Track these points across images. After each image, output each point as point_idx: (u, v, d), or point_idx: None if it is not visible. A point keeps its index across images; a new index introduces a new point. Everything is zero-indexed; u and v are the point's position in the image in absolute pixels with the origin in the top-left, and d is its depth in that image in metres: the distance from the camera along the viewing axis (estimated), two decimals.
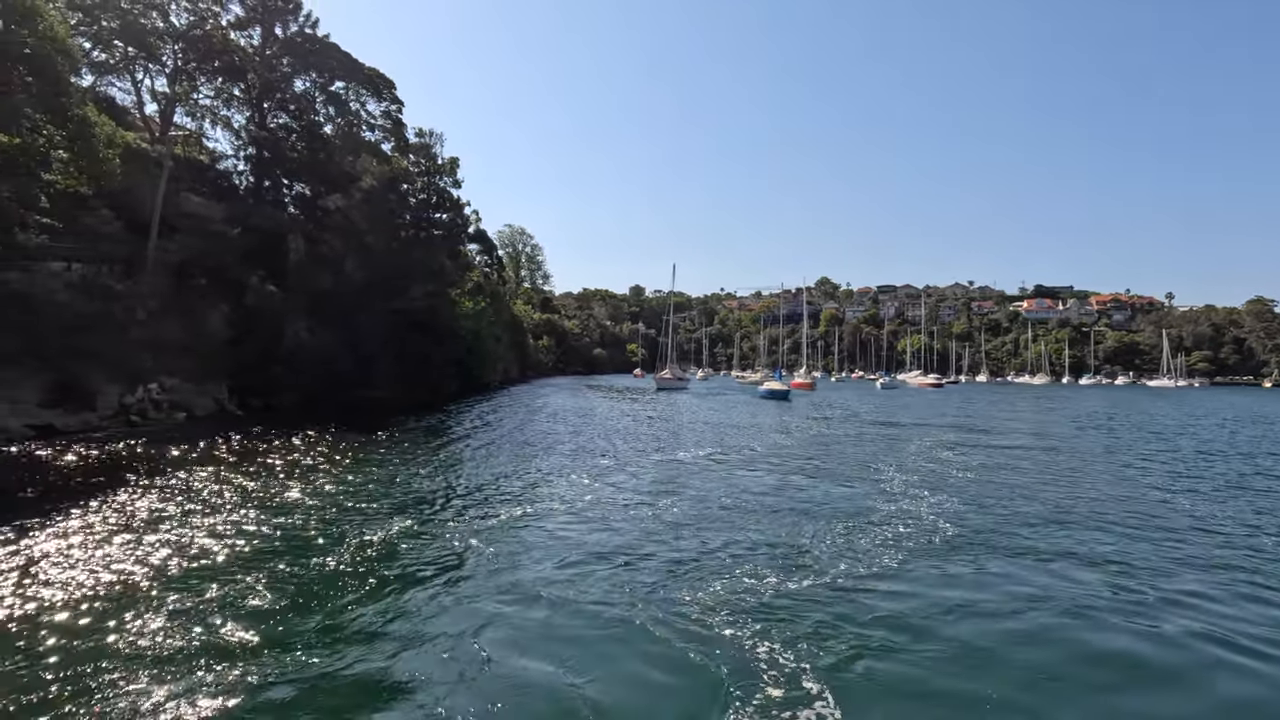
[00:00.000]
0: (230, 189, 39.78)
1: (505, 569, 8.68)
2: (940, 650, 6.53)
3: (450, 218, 50.68)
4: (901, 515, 12.00)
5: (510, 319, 76.34)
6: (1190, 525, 11.83)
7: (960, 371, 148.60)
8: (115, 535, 9.61)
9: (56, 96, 19.98)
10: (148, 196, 27.56)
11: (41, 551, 8.80)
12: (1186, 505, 13.59)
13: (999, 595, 8.07)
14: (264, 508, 11.52)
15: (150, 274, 26.77)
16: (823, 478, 15.94)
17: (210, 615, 6.94)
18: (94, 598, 7.34)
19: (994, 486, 15.18)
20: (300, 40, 42.90)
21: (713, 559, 9.20)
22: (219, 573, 8.22)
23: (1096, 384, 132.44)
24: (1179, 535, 11.10)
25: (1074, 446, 23.97)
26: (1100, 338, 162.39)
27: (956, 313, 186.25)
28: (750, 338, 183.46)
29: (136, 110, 39.19)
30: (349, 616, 7.05)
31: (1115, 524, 11.81)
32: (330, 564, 8.64)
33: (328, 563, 8.66)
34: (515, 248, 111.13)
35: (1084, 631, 7.09)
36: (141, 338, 24.70)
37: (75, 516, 10.53)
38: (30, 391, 19.98)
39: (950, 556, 9.54)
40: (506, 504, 12.57)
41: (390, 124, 47.16)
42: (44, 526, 9.91)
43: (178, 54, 39.49)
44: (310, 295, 33.78)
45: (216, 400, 27.03)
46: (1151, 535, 11.08)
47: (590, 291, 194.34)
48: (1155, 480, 16.78)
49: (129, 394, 23.15)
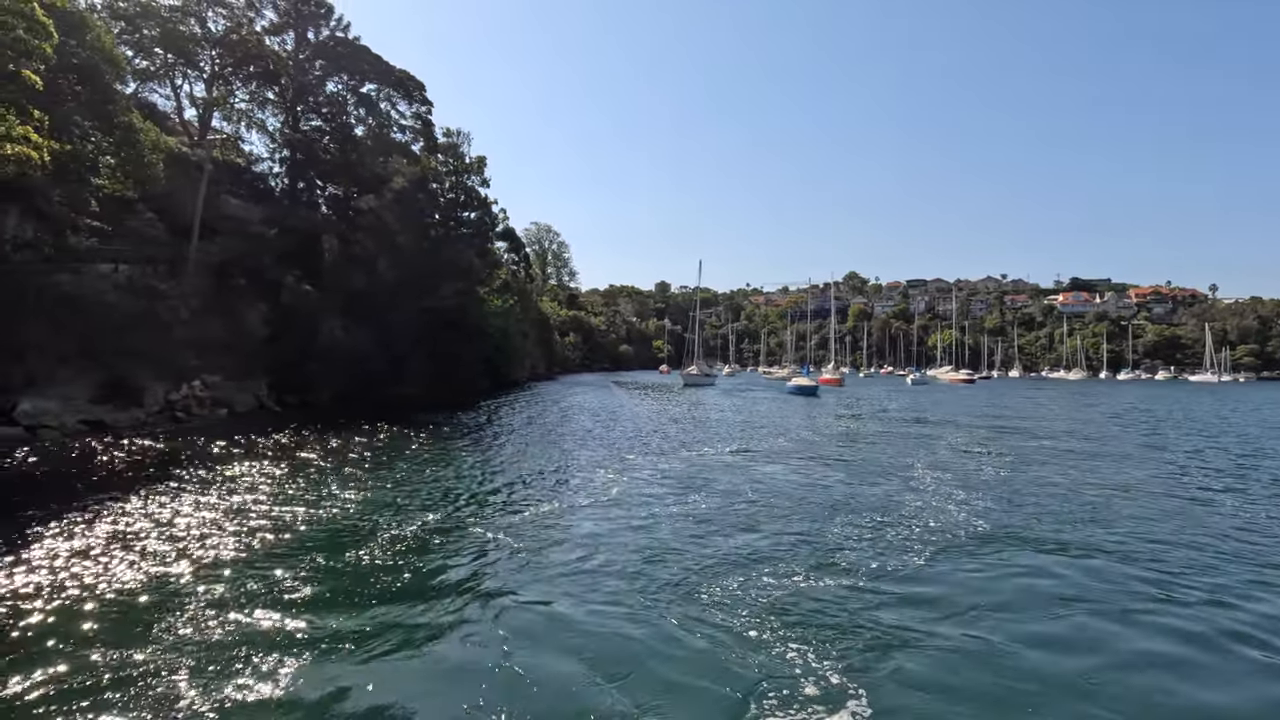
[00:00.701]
0: (266, 191, 40.78)
1: (534, 565, 8.84)
2: (974, 650, 6.50)
3: (478, 216, 51.29)
4: (934, 512, 11.94)
5: (537, 316, 76.98)
6: (1236, 526, 11.56)
7: (993, 367, 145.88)
8: (160, 527, 10.02)
9: (104, 104, 20.72)
10: (189, 199, 28.40)
11: (94, 542, 9.21)
12: (1231, 505, 13.28)
13: (1034, 594, 8.01)
14: (302, 502, 11.87)
15: (192, 274, 27.60)
16: (853, 475, 15.88)
17: (246, 607, 7.19)
18: (138, 588, 7.68)
19: (1029, 484, 14.99)
20: (332, 44, 43.71)
21: (742, 556, 9.27)
22: (257, 565, 8.52)
23: (1135, 379, 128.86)
24: (1223, 535, 10.87)
25: (1113, 443, 23.48)
26: (1139, 331, 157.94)
27: (989, 307, 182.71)
28: (777, 333, 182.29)
29: (176, 115, 40.36)
30: (380, 611, 7.24)
31: (1156, 523, 11.60)
32: (364, 558, 8.90)
33: (362, 557, 8.92)
34: (542, 245, 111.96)
35: (1124, 631, 7.01)
36: (185, 337, 25.50)
37: (125, 509, 10.98)
38: (82, 389, 20.78)
39: (985, 554, 9.48)
40: (536, 500, 12.78)
41: (419, 124, 47.81)
42: (98, 517, 10.36)
43: (214, 59, 40.55)
44: (344, 294, 34.50)
45: (256, 397, 27.78)
46: (1195, 535, 10.86)
47: (616, 288, 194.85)
48: (1198, 479, 16.39)
49: (174, 391, 23.93)
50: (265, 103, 43.07)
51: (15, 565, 8.20)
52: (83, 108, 20.74)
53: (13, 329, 18.91)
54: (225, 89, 41.56)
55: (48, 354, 19.79)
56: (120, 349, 22.07)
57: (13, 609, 6.98)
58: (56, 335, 20.03)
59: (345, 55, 43.54)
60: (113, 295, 23.21)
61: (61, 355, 20.23)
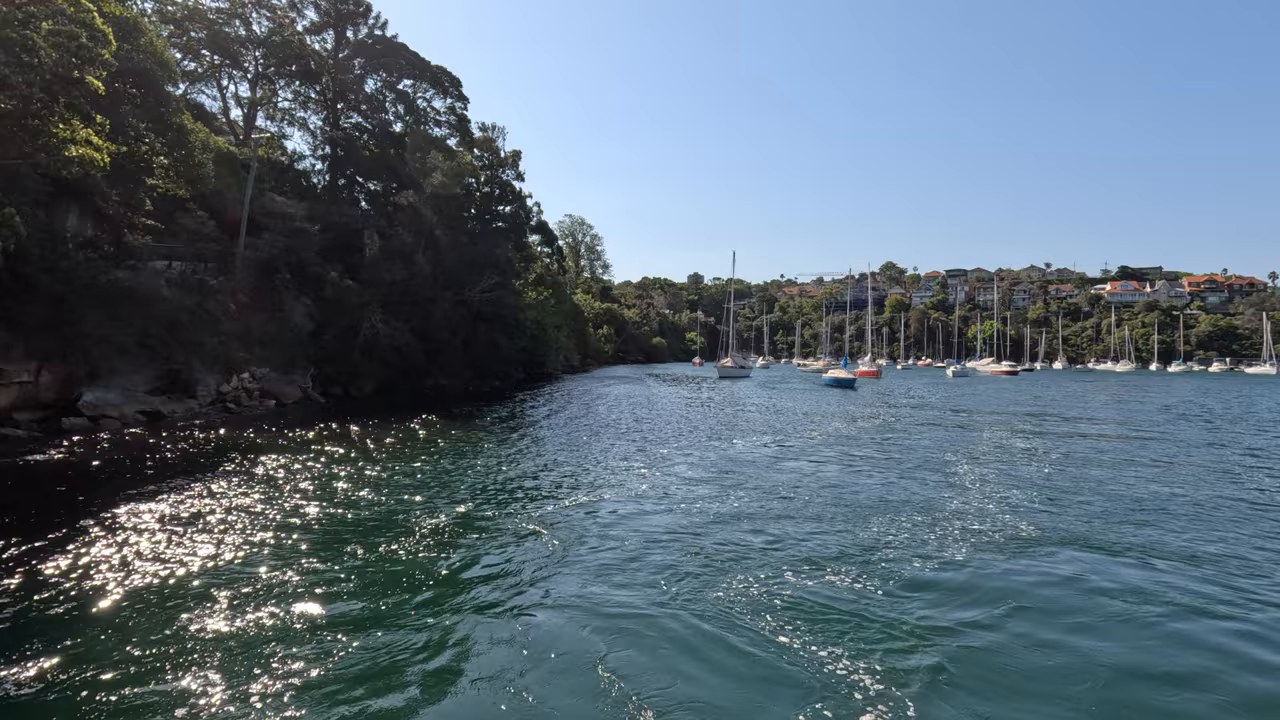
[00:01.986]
0: (309, 188, 41.86)
1: (571, 560, 8.93)
2: (1020, 651, 6.40)
3: (513, 210, 51.72)
4: (980, 513, 11.76)
5: (571, 309, 77.45)
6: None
7: (1035, 359, 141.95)
8: (211, 516, 10.43)
9: (158, 106, 21.45)
10: (236, 197, 29.30)
11: (147, 528, 9.66)
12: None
13: (1087, 599, 7.79)
14: (346, 493, 12.24)
15: (240, 270, 28.51)
16: (896, 472, 15.69)
17: (288, 593, 7.46)
18: (190, 573, 8.02)
19: (1079, 481, 14.64)
20: (370, 42, 44.48)
21: (780, 553, 9.26)
22: (300, 553, 8.82)
23: (1187, 371, 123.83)
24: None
25: (1166, 439, 22.74)
26: (1192, 321, 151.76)
27: (1032, 297, 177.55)
28: (811, 325, 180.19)
29: (223, 115, 41.63)
30: (418, 598, 7.45)
31: (1216, 520, 11.25)
32: (401, 550, 9.12)
33: (397, 550, 9.13)
34: (575, 238, 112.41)
35: (1183, 635, 6.83)
36: (234, 330, 26.40)
37: (180, 497, 11.47)
38: (140, 380, 21.70)
39: (1033, 555, 9.32)
40: (574, 491, 12.95)
41: (455, 119, 48.40)
42: (154, 505, 10.84)
43: (258, 60, 41.66)
44: (384, 288, 35.22)
45: (301, 389, 28.62)
46: (1259, 534, 10.51)
47: (649, 280, 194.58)
48: (1259, 479, 15.80)
49: (225, 383, 24.81)
50: (307, 101, 44.13)
51: (76, 549, 8.65)
52: (138, 110, 21.53)
53: (77, 324, 19.81)
54: (269, 89, 42.71)
55: (108, 348, 20.69)
56: (175, 342, 22.98)
57: (69, 591, 7.38)
58: (116, 329, 20.91)
59: (383, 53, 44.27)
60: (167, 291, 24.12)
61: (121, 348, 21.13)
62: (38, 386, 19.23)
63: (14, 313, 18.62)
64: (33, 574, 7.71)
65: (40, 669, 5.67)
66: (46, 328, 19.28)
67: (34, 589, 7.32)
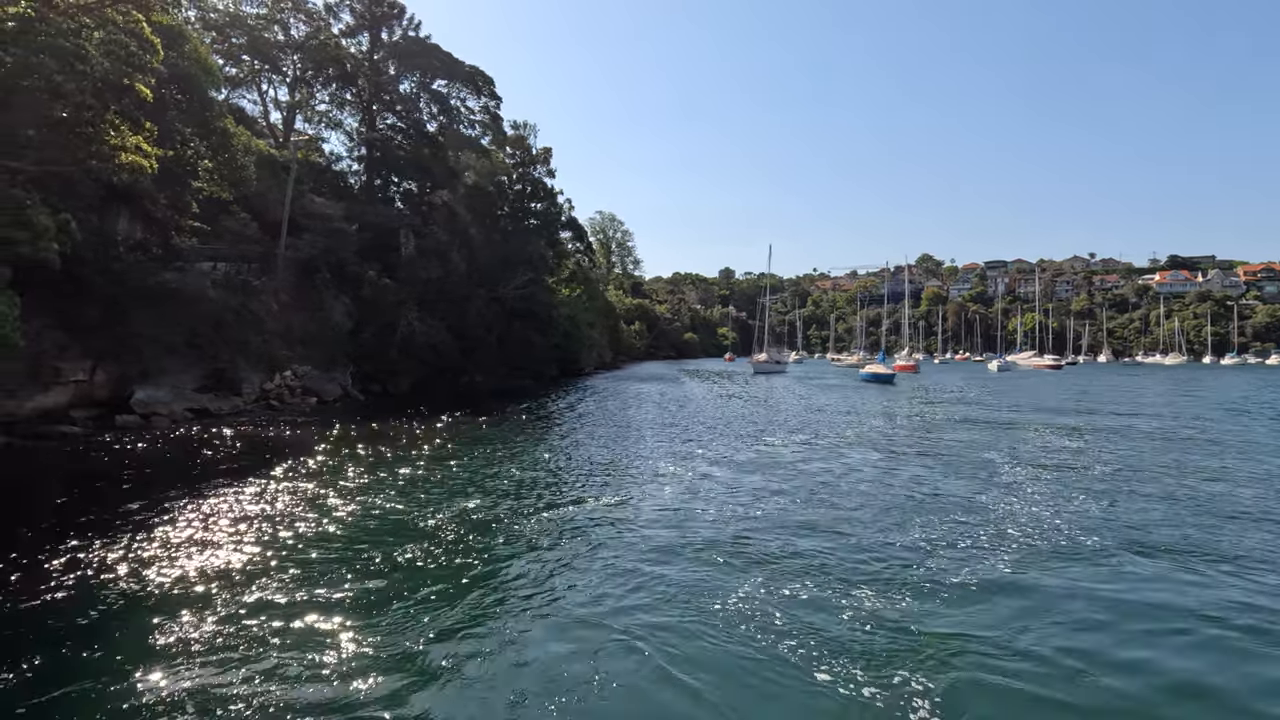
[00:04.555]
0: (346, 189, 42.58)
1: (601, 560, 8.82)
2: (1068, 672, 6.07)
3: (545, 207, 52.00)
4: (1042, 519, 11.38)
5: (603, 305, 77.61)
6: None
7: (1079, 351, 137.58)
8: (255, 511, 10.60)
9: (202, 111, 21.98)
10: (277, 199, 29.95)
11: (196, 522, 9.86)
12: None
13: (1141, 613, 7.43)
14: (385, 488, 12.35)
15: (282, 270, 29.15)
16: (947, 472, 15.31)
17: (325, 588, 7.50)
18: (234, 566, 8.14)
19: (1137, 483, 14.08)
20: (404, 43, 45.08)
21: (825, 558, 9.07)
22: (339, 549, 8.89)
23: (1241, 364, 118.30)
24: None
25: (1228, 440, 21.79)
26: (1248, 312, 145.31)
27: (1075, 288, 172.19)
28: (845, 319, 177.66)
29: (263, 119, 42.59)
30: (448, 599, 7.43)
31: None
32: (435, 549, 9.10)
33: (433, 548, 9.09)
34: (606, 234, 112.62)
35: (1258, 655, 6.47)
36: (277, 329, 27.00)
37: (227, 492, 11.71)
38: (189, 379, 22.32)
39: (1096, 562, 8.96)
40: (609, 492, 12.86)
41: (488, 118, 48.82)
42: (203, 500, 11.08)
43: (297, 64, 42.52)
44: (419, 286, 35.70)
45: (341, 386, 29.15)
46: None
47: (681, 275, 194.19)
48: None
49: (268, 381, 25.40)
50: (344, 104, 44.90)
51: (129, 542, 8.87)
52: (183, 115, 22.10)
53: (128, 324, 20.45)
54: (307, 92, 43.54)
55: (158, 347, 21.32)
56: (220, 341, 23.59)
57: (121, 583, 7.56)
58: (165, 329, 21.54)
59: (417, 54, 44.81)
60: (213, 292, 24.77)
61: (170, 348, 21.77)
62: (92, 385, 19.90)
63: (70, 314, 19.30)
64: (86, 567, 7.92)
65: (92, 658, 5.80)
66: (100, 328, 19.95)
67: (88, 581, 7.51)
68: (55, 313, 18.95)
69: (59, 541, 8.81)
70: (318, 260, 31.20)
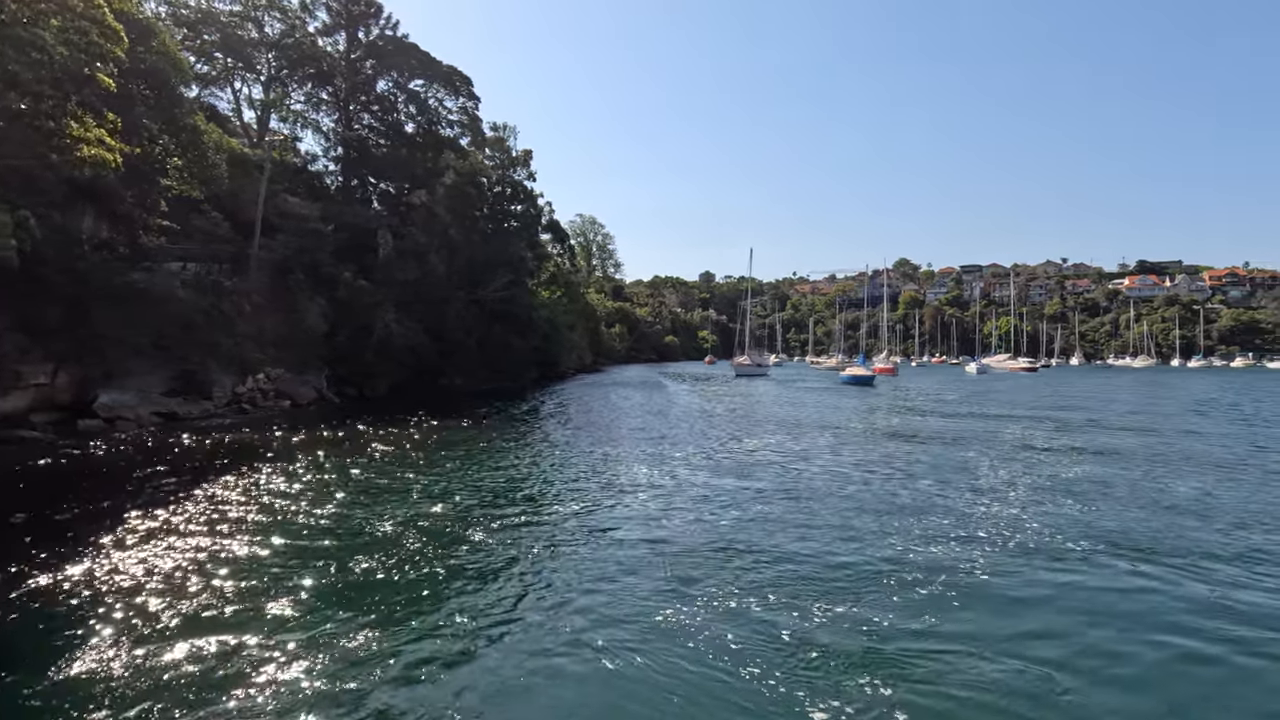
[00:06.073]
0: (322, 189, 41.84)
1: (578, 565, 8.58)
2: (1039, 683, 5.94)
3: (525, 209, 51.56)
4: (1032, 526, 11.33)
5: (584, 308, 77.24)
6: None
7: (1052, 354, 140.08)
8: (222, 516, 10.18)
9: (171, 108, 21.38)
10: (251, 199, 29.25)
11: (157, 531, 9.42)
12: None
13: (1122, 618, 7.37)
14: (354, 494, 11.92)
15: (255, 271, 28.44)
16: (937, 478, 15.27)
17: (291, 596, 7.17)
18: (196, 576, 7.76)
19: (1122, 484, 14.16)
20: (381, 43, 44.42)
21: (805, 564, 8.90)
22: (308, 554, 8.54)
23: (1207, 366, 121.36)
24: None
25: (1203, 440, 22.12)
26: (1214, 316, 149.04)
27: (1049, 292, 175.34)
28: (824, 322, 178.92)
29: (236, 118, 41.72)
30: (420, 603, 7.17)
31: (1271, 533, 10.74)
32: (412, 555, 8.79)
33: (411, 554, 8.78)
34: (586, 237, 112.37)
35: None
36: (249, 331, 26.31)
37: (193, 499, 11.24)
38: (156, 382, 21.62)
39: (1086, 562, 8.90)
40: (587, 495, 12.60)
41: (467, 119, 48.29)
42: (166, 508, 10.61)
43: (271, 62, 41.73)
44: (397, 288, 35.10)
45: (316, 389, 28.51)
46: None
47: (661, 278, 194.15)
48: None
49: (240, 384, 24.73)
50: (320, 103, 44.18)
51: (83, 553, 8.42)
52: (151, 111, 21.47)
53: (92, 325, 19.74)
54: (282, 91, 42.76)
55: (123, 349, 20.61)
56: (190, 343, 22.88)
57: (77, 593, 7.14)
58: (132, 331, 20.83)
59: (395, 53, 44.19)
60: (182, 292, 24.05)
61: (136, 350, 21.06)
62: (54, 388, 19.18)
63: (30, 315, 18.57)
64: (42, 575, 7.47)
65: (44, 670, 5.41)
66: (62, 330, 19.23)
67: (42, 591, 7.08)
68: (14, 314, 18.22)
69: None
70: (292, 261, 30.51)
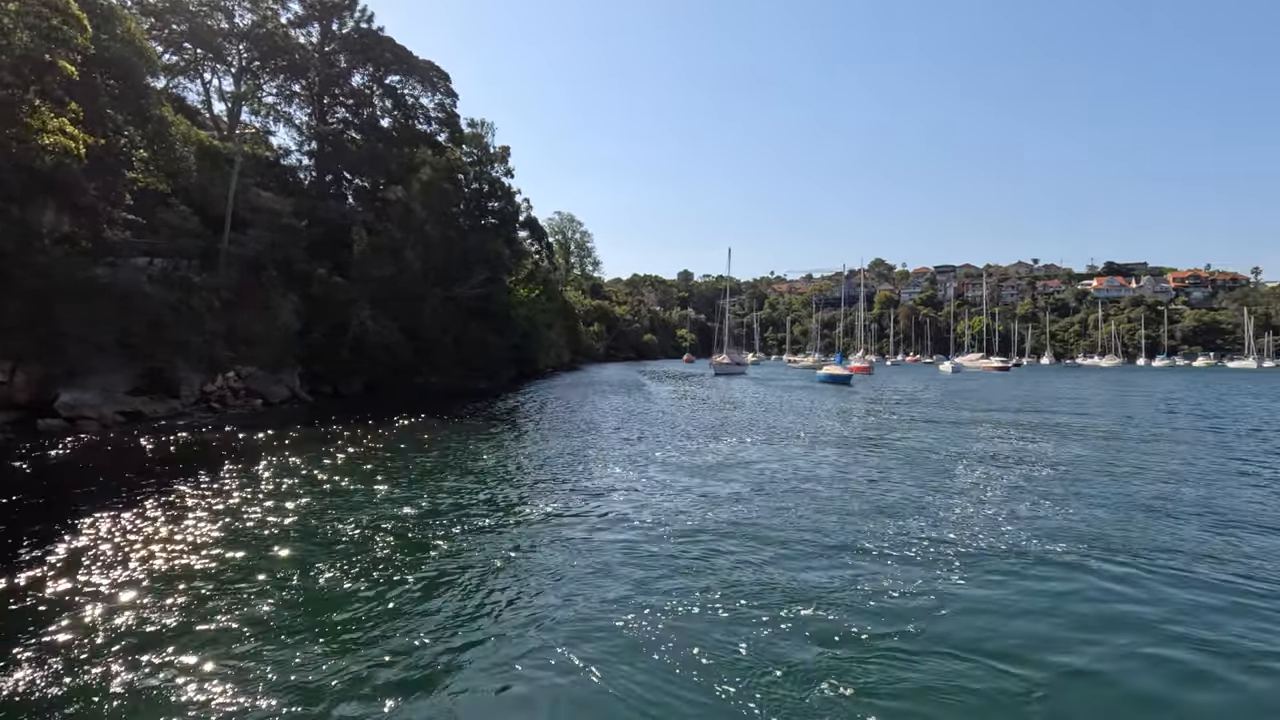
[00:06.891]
0: (295, 184, 41.02)
1: (556, 569, 8.44)
2: (1012, 687, 5.97)
3: (503, 206, 51.06)
4: (1007, 528, 11.44)
5: (562, 306, 76.81)
6: None
7: (1023, 354, 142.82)
8: (186, 518, 9.86)
9: (137, 98, 20.77)
10: (220, 193, 28.55)
11: (124, 529, 9.11)
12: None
13: (1088, 618, 7.46)
14: (322, 495, 11.63)
15: (225, 267, 27.78)
16: (920, 477, 15.39)
17: (260, 600, 6.98)
18: (161, 578, 7.51)
19: (1107, 483, 14.39)
20: (356, 36, 43.67)
21: (781, 567, 8.88)
22: (277, 558, 8.31)
23: (1171, 365, 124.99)
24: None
25: (1170, 435, 22.63)
26: (1177, 316, 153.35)
27: (1020, 293, 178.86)
28: (801, 321, 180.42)
29: (205, 110, 40.74)
30: (397, 604, 7.02)
31: (1239, 529, 10.98)
32: (384, 558, 8.59)
33: (381, 557, 8.58)
34: (565, 235, 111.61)
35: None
36: (219, 328, 25.67)
37: (155, 499, 10.89)
38: (120, 380, 21.01)
39: (1065, 563, 9.00)
40: (565, 496, 12.47)
41: (444, 115, 47.69)
42: (125, 511, 10.25)
43: (242, 54, 40.81)
44: (372, 285, 34.56)
45: (289, 387, 27.95)
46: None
47: (640, 277, 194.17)
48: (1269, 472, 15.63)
49: (209, 382, 24.14)
50: (293, 96, 43.32)
51: (32, 560, 8.11)
52: (116, 101, 20.83)
53: (53, 322, 19.10)
54: (253, 83, 41.84)
55: (86, 346, 19.98)
56: (156, 341, 22.26)
57: (37, 599, 6.86)
58: (94, 327, 20.19)
59: (370, 47, 43.50)
60: (148, 288, 23.39)
61: (100, 347, 20.43)
62: (12, 387, 18.55)
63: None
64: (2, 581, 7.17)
65: (8, 676, 5.16)
66: (21, 326, 18.58)
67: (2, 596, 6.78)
68: None
69: None
70: (264, 257, 29.85)
